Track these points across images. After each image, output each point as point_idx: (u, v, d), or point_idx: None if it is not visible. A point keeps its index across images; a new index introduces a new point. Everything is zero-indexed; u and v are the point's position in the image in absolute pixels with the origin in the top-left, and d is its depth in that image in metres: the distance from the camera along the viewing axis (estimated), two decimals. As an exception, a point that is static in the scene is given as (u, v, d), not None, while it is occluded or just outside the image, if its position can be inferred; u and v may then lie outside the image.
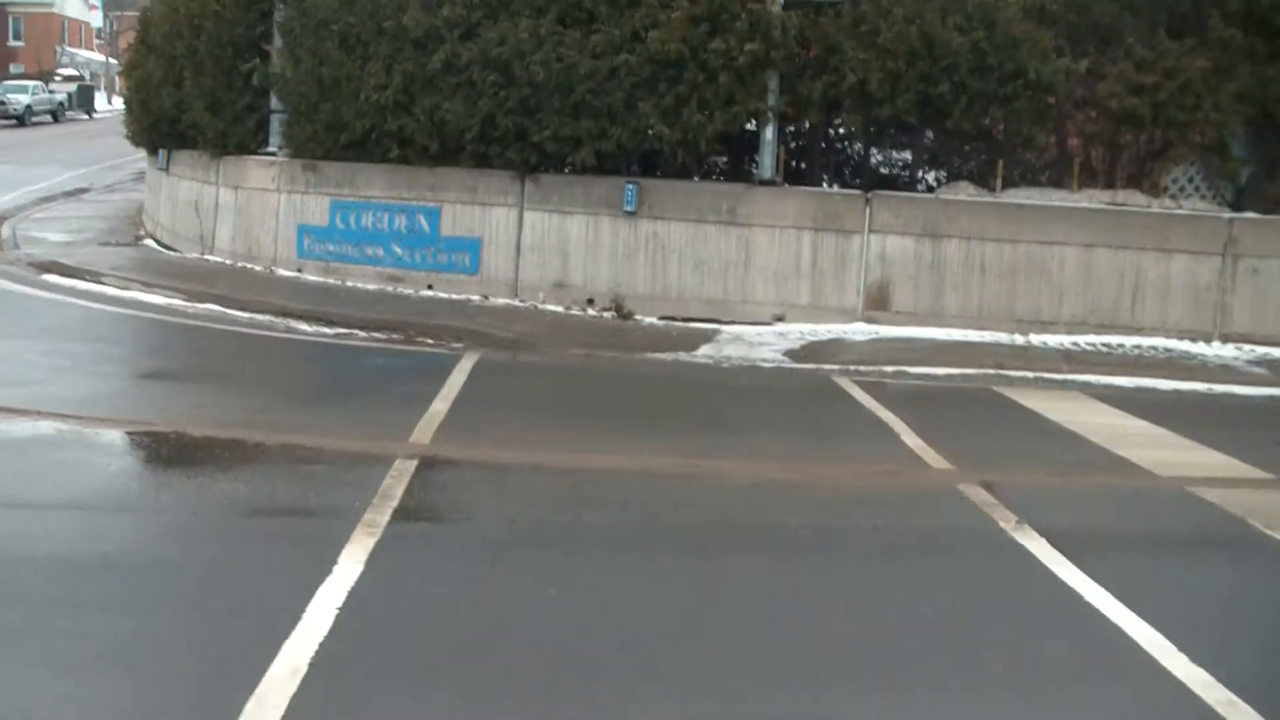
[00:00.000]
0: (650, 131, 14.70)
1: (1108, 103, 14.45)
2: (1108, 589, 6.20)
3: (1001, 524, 7.30)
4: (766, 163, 14.93)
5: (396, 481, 7.46)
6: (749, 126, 15.20)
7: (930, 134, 15.58)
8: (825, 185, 15.62)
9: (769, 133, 14.86)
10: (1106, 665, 5.43)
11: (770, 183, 14.93)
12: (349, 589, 5.71)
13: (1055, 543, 6.91)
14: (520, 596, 5.84)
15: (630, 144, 14.82)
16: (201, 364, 12.06)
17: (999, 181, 14.94)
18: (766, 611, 5.89)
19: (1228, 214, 14.72)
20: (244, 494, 7.28)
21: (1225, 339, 14.45)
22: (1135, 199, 14.87)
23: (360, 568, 5.99)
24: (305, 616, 5.32)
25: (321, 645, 5.06)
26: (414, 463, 7.93)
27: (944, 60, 14.11)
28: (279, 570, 6.06)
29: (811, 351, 13.36)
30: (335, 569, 5.94)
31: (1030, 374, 12.59)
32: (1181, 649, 5.48)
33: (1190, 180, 15.23)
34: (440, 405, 9.73)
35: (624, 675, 5.09)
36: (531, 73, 14.66)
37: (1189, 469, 9.01)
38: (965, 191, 14.88)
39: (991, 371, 12.62)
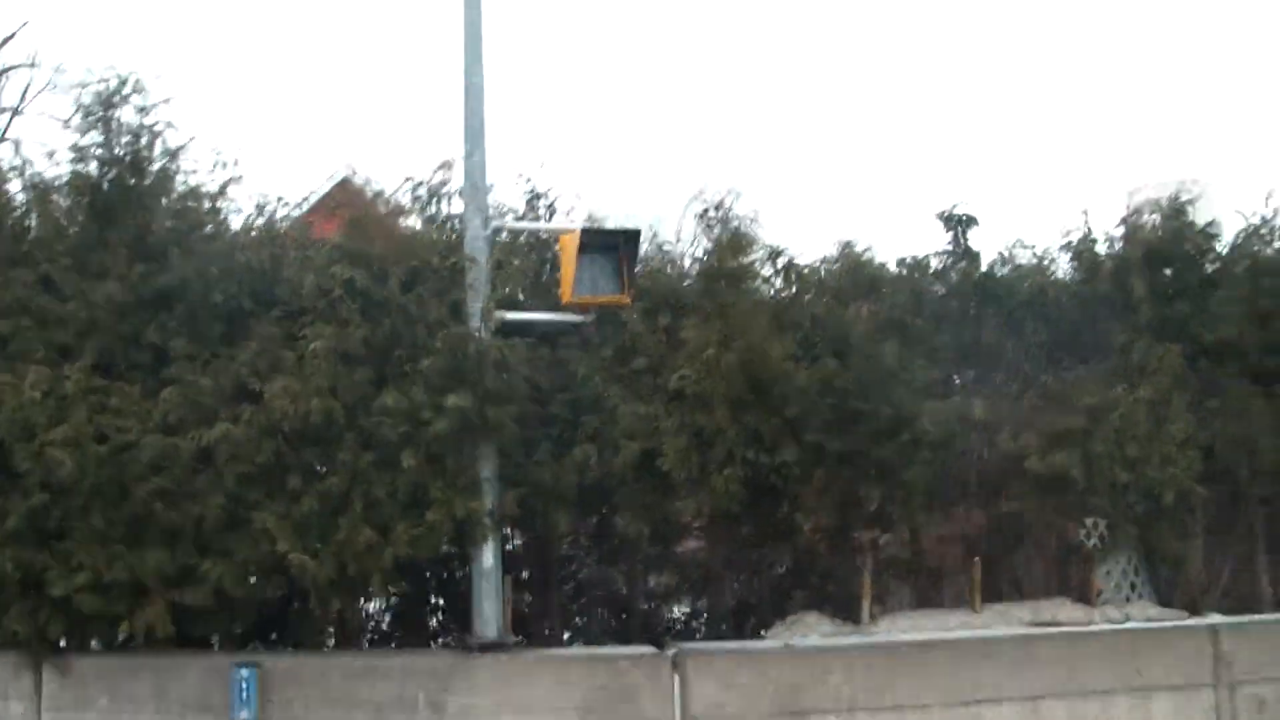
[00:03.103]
0: (282, 563, 8.04)
1: (1023, 461, 9.15)
2: None
3: None
4: (488, 610, 8.42)
5: None
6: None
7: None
8: (570, 640, 9.33)
9: (488, 555, 8.47)
10: None
11: (498, 646, 8.40)
12: None
13: None
14: None
15: (239, 589, 8.08)
16: None
17: (866, 606, 9.20)
18: None
19: (1205, 620, 9.60)
20: None
21: (1243, 820, 9.07)
22: (1067, 613, 9.52)
23: None
24: None
25: None
26: None
27: (787, 408, 8.45)
28: None
29: None
30: None
31: None
32: None
33: (1125, 575, 10.08)
34: None
35: None
36: (48, 464, 7.80)
37: None
38: (818, 629, 9.02)
39: None
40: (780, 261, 9.34)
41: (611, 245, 8.80)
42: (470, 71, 9.06)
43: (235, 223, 9.27)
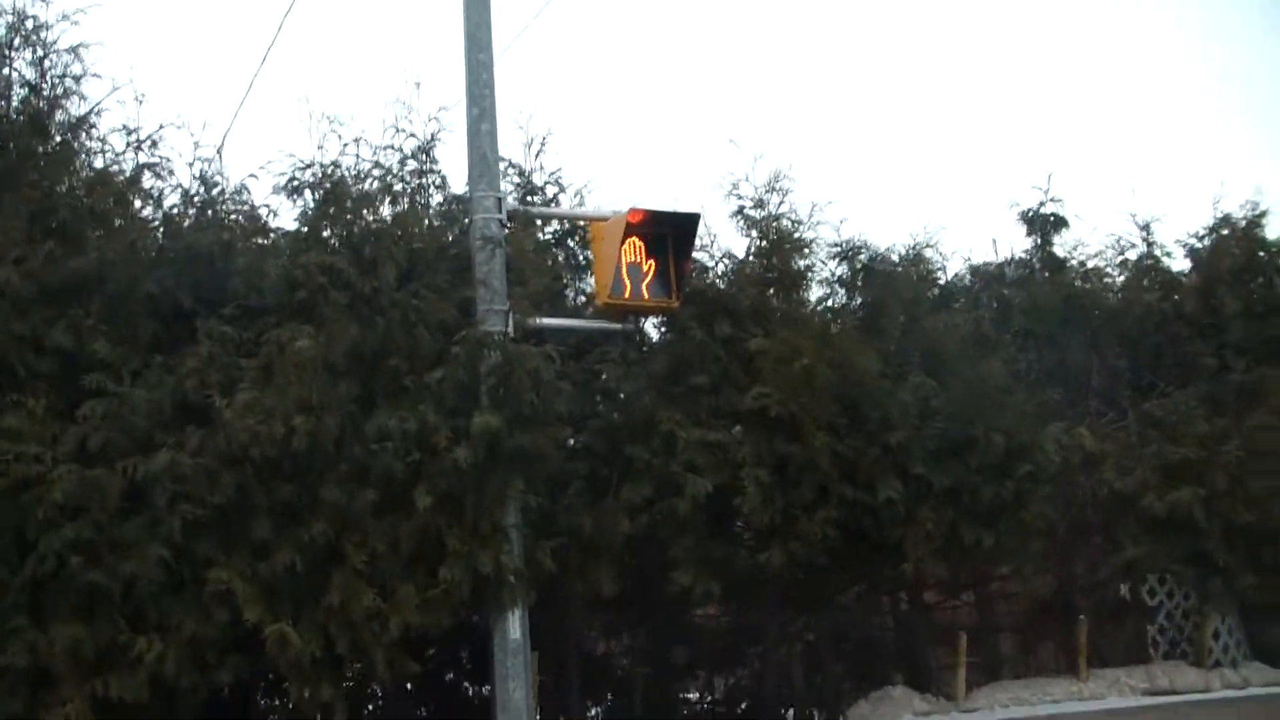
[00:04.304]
0: (247, 639, 5.98)
1: (1140, 500, 7.68)
2: None
3: None
4: (516, 696, 6.41)
5: None
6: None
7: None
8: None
9: (515, 625, 6.49)
10: None
11: (533, 738, 6.45)
12: None
13: None
14: None
15: (186, 674, 5.97)
16: None
17: (960, 676, 7.54)
18: None
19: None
20: None
21: None
22: (1184, 679, 8.05)
23: None
24: None
25: None
26: None
27: (890, 434, 6.78)
28: None
29: None
30: None
31: None
32: None
33: (1230, 632, 8.66)
34: None
35: None
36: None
37: None
38: (910, 707, 7.32)
39: None
40: (860, 259, 7.68)
41: (658, 236, 7.05)
42: (472, 14, 7.24)
43: (170, 200, 7.26)
